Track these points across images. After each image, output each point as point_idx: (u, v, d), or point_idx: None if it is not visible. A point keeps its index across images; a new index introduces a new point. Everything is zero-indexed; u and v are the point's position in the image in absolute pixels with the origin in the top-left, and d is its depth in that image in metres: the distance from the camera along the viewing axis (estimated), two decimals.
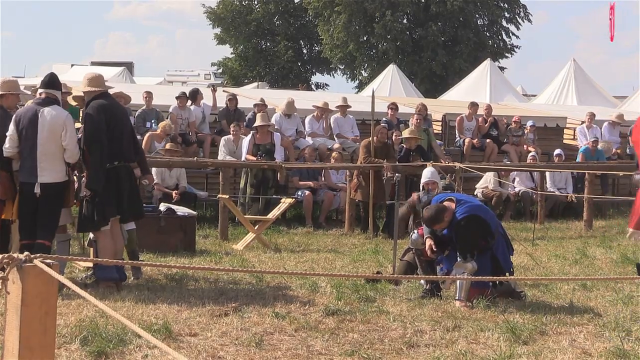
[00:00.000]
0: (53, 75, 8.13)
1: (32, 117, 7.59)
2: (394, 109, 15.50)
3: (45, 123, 7.56)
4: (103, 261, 7.30)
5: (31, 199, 7.58)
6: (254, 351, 5.90)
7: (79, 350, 5.75)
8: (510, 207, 14.93)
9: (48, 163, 7.57)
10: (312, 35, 48.22)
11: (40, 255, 2.98)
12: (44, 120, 7.56)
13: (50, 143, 7.56)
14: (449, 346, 6.17)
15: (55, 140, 7.58)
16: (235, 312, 7.01)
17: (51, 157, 7.58)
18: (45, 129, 7.55)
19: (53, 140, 7.57)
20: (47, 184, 7.55)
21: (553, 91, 25.92)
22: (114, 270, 7.93)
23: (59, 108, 7.79)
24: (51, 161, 7.58)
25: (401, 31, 41.35)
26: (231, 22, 47.86)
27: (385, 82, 26.92)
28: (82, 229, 8.35)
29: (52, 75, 8.09)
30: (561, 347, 6.17)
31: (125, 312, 6.83)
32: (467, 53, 40.55)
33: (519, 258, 10.34)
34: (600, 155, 16.36)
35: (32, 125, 7.56)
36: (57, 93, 7.90)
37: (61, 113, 7.73)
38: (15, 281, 2.90)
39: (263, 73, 47.82)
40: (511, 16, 43.88)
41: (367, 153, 12.58)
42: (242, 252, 10.54)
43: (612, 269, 9.77)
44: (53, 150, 7.59)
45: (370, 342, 6.21)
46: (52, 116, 7.59)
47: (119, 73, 30.95)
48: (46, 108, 7.62)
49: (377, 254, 10.54)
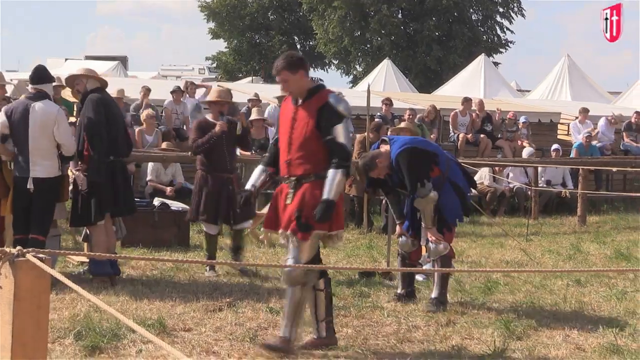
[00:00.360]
0: (40, 68, 7.89)
1: (23, 112, 7.52)
2: (389, 104, 15.51)
3: (37, 118, 7.49)
4: (96, 255, 7.29)
5: (25, 193, 7.53)
6: (248, 346, 5.89)
7: (72, 345, 5.73)
8: (505, 202, 14.95)
9: (40, 158, 7.52)
10: (306, 30, 48.17)
11: (33, 249, 2.96)
12: (35, 115, 7.49)
13: (42, 138, 7.51)
14: (443, 341, 6.17)
15: (47, 135, 7.52)
16: (229, 307, 7.00)
17: (44, 152, 7.53)
18: (36, 124, 7.49)
19: (45, 135, 7.51)
20: (40, 179, 7.51)
21: (547, 87, 25.96)
22: (108, 265, 7.91)
23: (50, 103, 7.70)
24: (44, 156, 7.53)
25: (396, 26, 41.35)
26: (225, 16, 47.77)
27: (379, 77, 26.90)
28: (77, 224, 8.31)
29: (40, 69, 7.86)
30: (555, 343, 6.18)
31: (120, 307, 6.81)
32: (462, 48, 40.57)
33: (513, 253, 10.36)
34: (594, 150, 16.40)
35: (24, 120, 7.50)
36: (47, 87, 7.77)
37: (52, 108, 7.65)
38: (8, 275, 2.88)
39: (257, 67, 47.76)
40: (505, 11, 43.92)
41: (362, 148, 12.57)
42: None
43: (606, 265, 9.78)
44: (45, 145, 7.54)
45: (365, 338, 6.20)
46: (43, 111, 7.52)
47: (113, 67, 30.91)
48: (37, 103, 7.54)
49: (371, 249, 10.54)
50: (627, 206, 15.57)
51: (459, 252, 9.45)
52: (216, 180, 8.58)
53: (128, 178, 8.42)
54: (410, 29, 42.14)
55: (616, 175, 16.86)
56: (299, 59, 5.81)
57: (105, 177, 7.76)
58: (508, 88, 26.97)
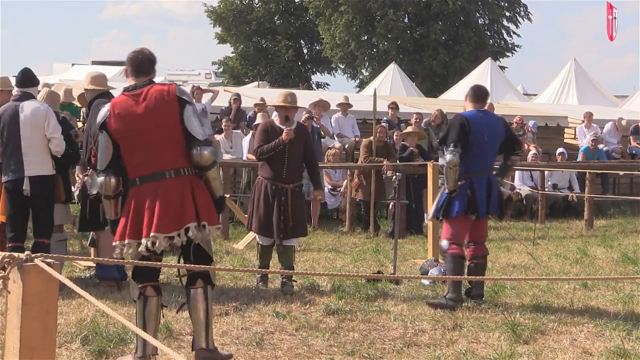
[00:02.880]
0: (27, 71, 7.87)
1: (13, 114, 7.53)
2: (395, 108, 15.51)
3: (27, 117, 7.50)
4: (103, 260, 7.30)
5: (18, 198, 7.52)
6: (255, 350, 5.90)
7: (79, 350, 5.75)
8: (512, 206, 14.93)
9: (34, 156, 7.50)
10: (312, 35, 48.21)
11: (41, 254, 2.98)
12: (25, 114, 7.51)
13: (34, 136, 7.51)
14: (450, 346, 6.17)
15: (39, 132, 7.52)
16: (235, 311, 7.01)
17: (37, 150, 7.52)
18: (27, 122, 7.49)
19: (37, 133, 7.51)
20: (36, 177, 7.49)
21: (554, 90, 25.94)
22: (115, 269, 7.93)
23: (38, 102, 7.72)
24: (37, 154, 7.52)
25: (402, 30, 41.35)
26: (232, 21, 47.85)
27: (385, 81, 26.90)
28: (85, 228, 8.33)
29: (26, 71, 7.84)
30: (562, 347, 6.17)
31: (126, 312, 6.82)
32: (468, 52, 40.54)
33: (519, 257, 10.35)
34: (600, 154, 16.38)
35: (14, 121, 7.51)
36: (32, 90, 7.77)
37: (41, 105, 7.67)
38: (16, 280, 2.90)
39: (264, 72, 47.81)
40: (511, 15, 43.90)
41: (368, 152, 12.59)
42: (243, 251, 10.55)
43: (613, 269, 9.76)
44: (38, 143, 7.53)
45: (371, 342, 6.21)
46: (32, 109, 7.54)
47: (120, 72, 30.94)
48: (25, 102, 7.56)
49: (377, 253, 10.54)
50: (634, 210, 15.52)
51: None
52: (270, 190, 8.05)
53: None
54: (417, 33, 42.14)
55: (623, 179, 16.84)
56: None
57: None
58: (514, 92, 26.94)
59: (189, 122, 5.31)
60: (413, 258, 10.27)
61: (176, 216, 5.26)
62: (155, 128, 5.29)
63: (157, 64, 5.54)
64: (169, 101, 5.32)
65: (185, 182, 5.33)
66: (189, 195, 5.31)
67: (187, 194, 5.30)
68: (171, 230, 5.25)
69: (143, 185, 5.30)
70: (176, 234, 5.26)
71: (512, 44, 44.35)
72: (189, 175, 5.35)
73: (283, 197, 8.00)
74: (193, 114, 5.36)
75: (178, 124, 5.32)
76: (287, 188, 8.04)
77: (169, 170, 5.30)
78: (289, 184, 8.06)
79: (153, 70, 5.49)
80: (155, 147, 5.29)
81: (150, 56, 5.50)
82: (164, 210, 5.23)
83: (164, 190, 5.27)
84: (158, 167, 5.29)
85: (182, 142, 5.33)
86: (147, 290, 5.45)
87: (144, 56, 5.47)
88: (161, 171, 5.29)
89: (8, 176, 7.56)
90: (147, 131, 5.28)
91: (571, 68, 25.74)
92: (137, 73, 5.44)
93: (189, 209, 5.28)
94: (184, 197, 5.30)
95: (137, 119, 5.29)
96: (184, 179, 5.33)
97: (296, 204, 8.08)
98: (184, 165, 5.34)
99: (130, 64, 5.44)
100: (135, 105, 5.31)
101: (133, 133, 5.29)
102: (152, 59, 5.49)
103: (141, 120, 5.29)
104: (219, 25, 48.62)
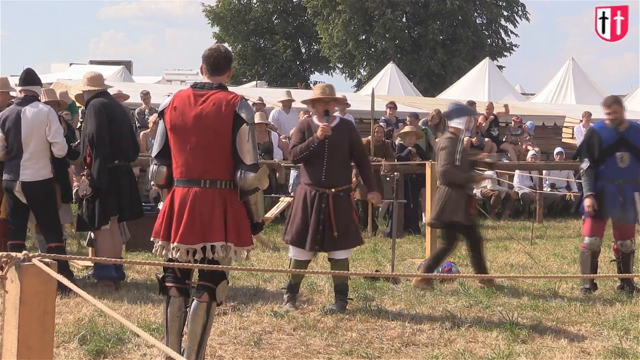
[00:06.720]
0: (30, 71, 7.96)
1: (15, 118, 7.58)
2: (393, 107, 15.51)
3: (28, 122, 7.54)
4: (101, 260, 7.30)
5: (15, 197, 7.61)
6: (253, 350, 5.90)
7: (77, 349, 5.75)
8: (509, 206, 14.94)
9: (32, 162, 7.54)
10: (310, 34, 48.21)
11: (39, 254, 2.98)
12: (26, 119, 7.55)
13: (35, 141, 7.54)
14: (448, 345, 6.17)
15: (40, 136, 7.55)
16: (233, 311, 7.01)
17: (37, 155, 7.56)
18: (28, 128, 7.53)
19: (38, 138, 7.54)
20: (27, 183, 7.53)
21: (551, 90, 25.97)
22: (113, 269, 7.93)
23: (39, 105, 7.74)
24: (36, 160, 7.55)
25: (400, 30, 41.37)
26: (230, 20, 47.84)
27: (384, 81, 26.92)
28: (82, 228, 8.33)
29: (29, 71, 7.93)
30: (560, 346, 6.17)
31: (124, 311, 6.83)
32: (466, 52, 40.59)
33: (517, 257, 10.35)
34: None
35: (16, 126, 7.56)
36: (36, 89, 7.83)
37: (43, 109, 7.68)
38: (14, 280, 2.89)
39: (262, 72, 47.80)
40: (509, 14, 43.93)
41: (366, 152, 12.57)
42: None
43: (611, 268, 9.77)
44: (39, 149, 7.56)
45: (369, 341, 6.21)
46: (33, 114, 7.56)
47: (118, 72, 30.95)
48: (27, 107, 7.60)
49: (375, 252, 10.54)
50: None
51: (463, 255, 9.44)
52: (310, 196, 7.17)
53: (134, 182, 8.44)
54: (415, 32, 42.17)
55: None
56: None
57: (107, 182, 7.77)
58: (512, 91, 26.96)
59: (240, 144, 5.02)
60: (411, 258, 10.26)
61: (201, 229, 5.04)
62: (203, 134, 5.05)
63: (233, 62, 5.35)
64: (225, 114, 5.05)
65: (220, 195, 5.07)
66: (220, 210, 5.06)
67: (218, 208, 5.05)
68: (194, 243, 5.05)
69: (179, 187, 5.12)
70: (199, 247, 5.05)
71: (510, 44, 44.39)
72: (226, 190, 5.08)
73: (323, 204, 7.11)
74: (248, 137, 5.04)
75: (228, 139, 5.04)
76: (329, 193, 7.14)
77: (204, 180, 5.06)
78: (331, 189, 7.16)
79: (229, 68, 5.27)
80: (197, 153, 5.06)
81: (226, 54, 5.28)
82: (191, 220, 5.03)
83: (195, 198, 5.04)
84: (196, 174, 5.07)
85: (228, 156, 5.06)
86: (172, 290, 5.31)
87: (220, 54, 5.24)
88: (197, 178, 5.07)
89: (6, 175, 7.63)
90: (194, 134, 5.05)
91: (569, 67, 25.77)
92: (212, 71, 5.21)
93: (218, 225, 5.04)
94: (214, 211, 5.04)
95: (188, 119, 5.07)
96: (219, 192, 5.07)
97: (340, 211, 7.15)
98: (223, 178, 5.07)
99: (205, 62, 5.22)
100: (193, 104, 5.09)
101: (181, 131, 5.08)
102: (228, 57, 5.28)
103: (192, 121, 5.06)
104: (217, 25, 48.62)
